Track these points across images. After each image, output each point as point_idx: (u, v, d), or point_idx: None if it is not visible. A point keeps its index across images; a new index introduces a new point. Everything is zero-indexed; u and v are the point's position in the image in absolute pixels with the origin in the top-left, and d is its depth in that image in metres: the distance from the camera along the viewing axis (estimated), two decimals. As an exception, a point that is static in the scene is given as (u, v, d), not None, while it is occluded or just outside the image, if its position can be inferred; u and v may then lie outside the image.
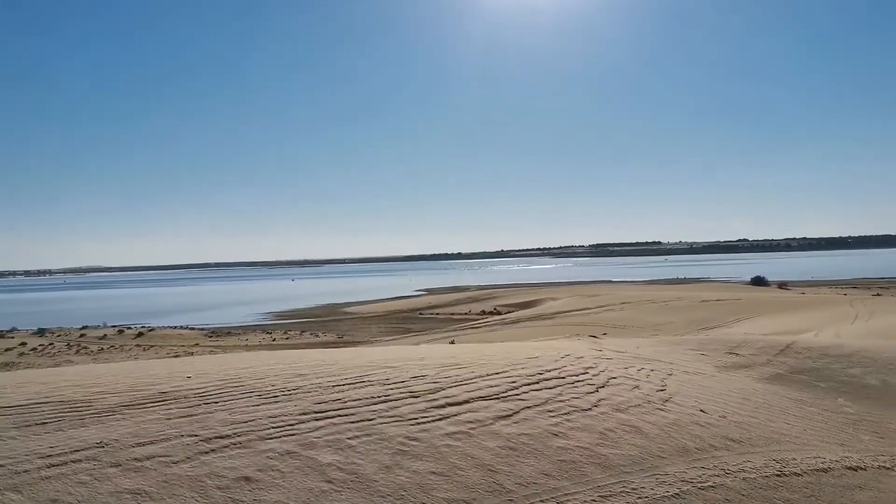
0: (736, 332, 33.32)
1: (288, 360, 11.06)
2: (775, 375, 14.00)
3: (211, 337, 54.70)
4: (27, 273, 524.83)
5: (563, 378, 10.47)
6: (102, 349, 47.75)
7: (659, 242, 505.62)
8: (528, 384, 9.75)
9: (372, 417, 7.50)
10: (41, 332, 59.01)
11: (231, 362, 11.10)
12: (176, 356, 42.09)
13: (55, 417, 7.13)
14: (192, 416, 7.25)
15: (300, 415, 7.44)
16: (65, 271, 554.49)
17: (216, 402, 7.80)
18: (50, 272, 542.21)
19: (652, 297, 60.29)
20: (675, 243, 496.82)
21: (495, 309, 75.01)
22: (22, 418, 7.06)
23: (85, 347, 48.66)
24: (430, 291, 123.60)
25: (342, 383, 8.93)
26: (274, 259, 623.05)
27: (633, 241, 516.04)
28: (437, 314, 75.37)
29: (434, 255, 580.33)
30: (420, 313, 76.44)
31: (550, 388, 9.67)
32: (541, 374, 10.62)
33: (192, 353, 43.48)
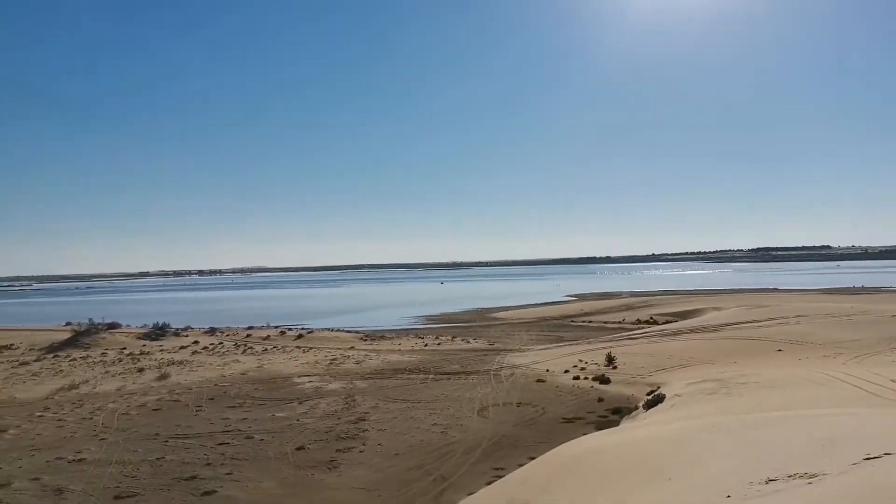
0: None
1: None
2: None
3: (365, 340, 55.65)
4: (200, 272, 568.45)
5: None
6: (266, 350, 49.69)
7: (828, 247, 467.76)
8: None
9: None
10: (212, 331, 62.57)
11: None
12: (334, 359, 42.93)
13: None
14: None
15: None
16: (233, 271, 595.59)
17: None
18: (220, 272, 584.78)
19: (830, 310, 54.92)
20: (848, 248, 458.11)
21: (651, 318, 71.58)
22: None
23: (251, 347, 50.86)
24: (580, 297, 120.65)
25: None
26: (422, 261, 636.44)
27: (799, 245, 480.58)
28: (590, 322, 73.06)
29: (581, 258, 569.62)
30: (571, 320, 74.42)
31: None
32: None
33: (348, 356, 44.23)
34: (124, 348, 50.50)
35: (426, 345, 50.99)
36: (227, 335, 60.12)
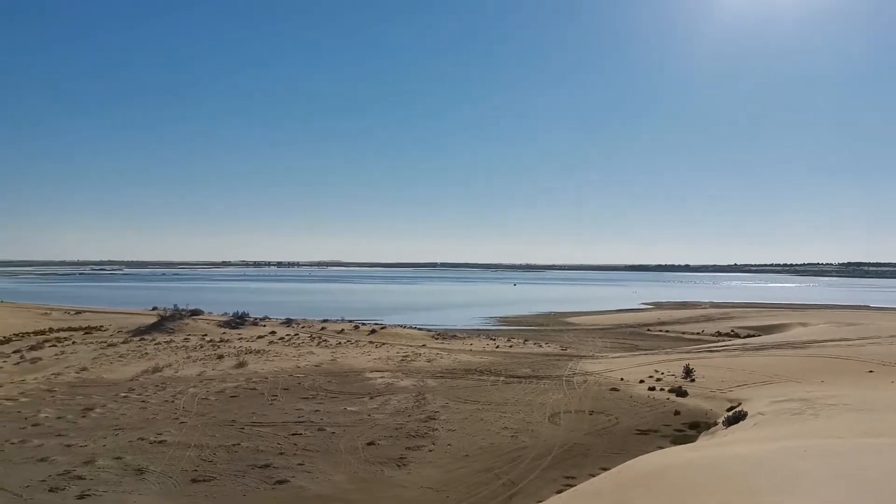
0: None
1: None
2: None
3: (437, 338, 55.77)
4: (279, 264, 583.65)
5: None
6: (340, 343, 50.42)
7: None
8: None
9: None
10: (288, 322, 63.91)
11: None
12: (406, 356, 43.16)
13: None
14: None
15: None
16: (310, 264, 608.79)
17: None
18: (298, 264, 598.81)
19: (928, 331, 51.89)
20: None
21: (733, 331, 69.26)
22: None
23: (325, 340, 51.71)
24: (657, 305, 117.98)
25: None
26: (496, 262, 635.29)
27: (893, 262, 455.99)
28: (667, 332, 71.23)
29: (659, 265, 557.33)
30: (648, 329, 72.74)
31: None
32: None
33: (419, 354, 44.41)
34: (205, 335, 52.11)
35: (497, 346, 50.73)
36: (303, 327, 61.27)
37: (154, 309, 69.92)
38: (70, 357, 41.29)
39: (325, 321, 66.30)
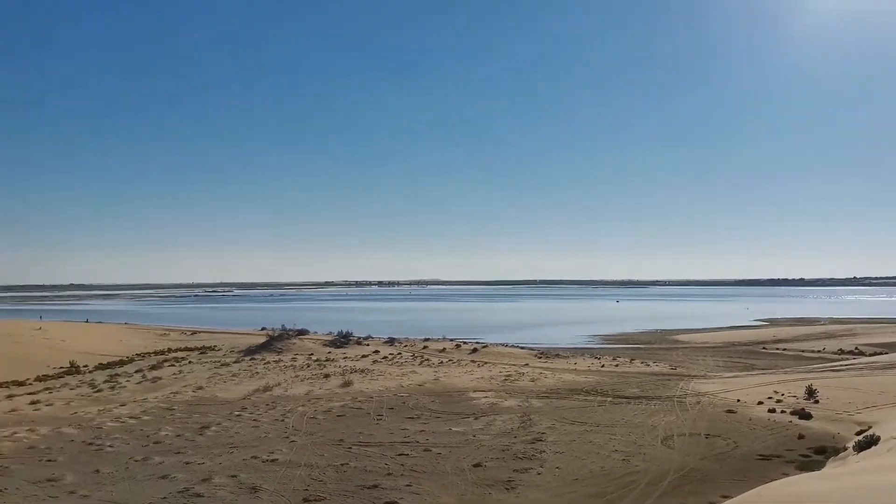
0: None
1: None
2: None
3: (540, 358, 54.99)
4: (380, 283, 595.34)
5: None
6: (442, 362, 50.52)
7: None
8: None
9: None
10: (391, 341, 64.70)
11: None
12: (508, 375, 42.72)
13: None
14: None
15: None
16: (410, 283, 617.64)
17: None
18: (398, 283, 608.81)
19: None
20: None
21: (857, 348, 64.96)
22: None
23: (427, 359, 51.95)
24: (772, 322, 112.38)
25: None
26: (596, 278, 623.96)
27: None
28: (784, 350, 67.59)
29: (771, 279, 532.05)
30: (763, 347, 69.30)
31: None
32: None
33: (522, 373, 43.83)
34: (312, 354, 53.42)
35: (603, 365, 49.48)
36: (405, 346, 61.85)
37: (263, 329, 72.44)
38: (187, 376, 43.17)
39: (426, 340, 66.69)
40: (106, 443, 24.77)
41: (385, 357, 52.86)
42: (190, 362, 50.40)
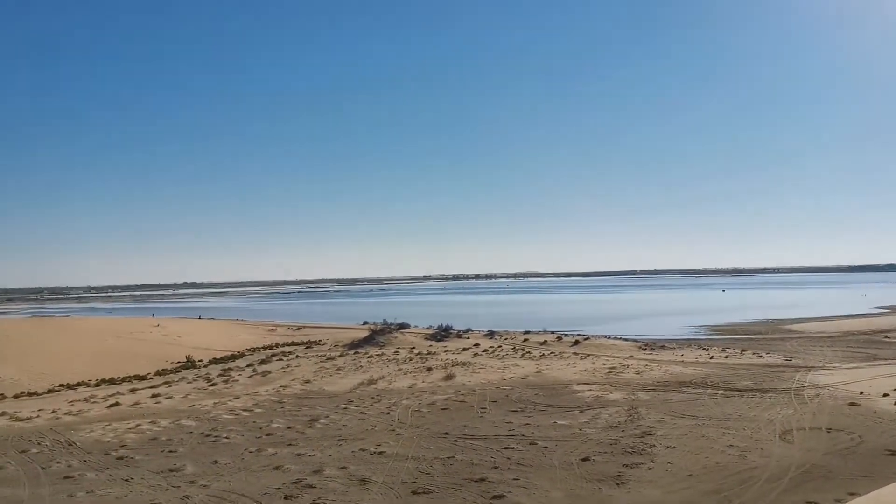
0: None
1: None
2: None
3: (645, 350, 53.57)
4: (477, 277, 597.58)
5: None
6: (544, 354, 50.05)
7: None
8: None
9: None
10: (490, 334, 64.66)
11: None
12: (612, 367, 41.85)
13: None
14: None
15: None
16: (507, 276, 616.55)
17: None
18: (495, 276, 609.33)
19: None
20: None
21: None
22: None
23: (528, 352, 51.60)
24: (893, 309, 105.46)
25: None
26: (700, 267, 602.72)
27: None
28: (909, 338, 63.24)
29: (890, 264, 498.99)
30: (885, 336, 64.98)
31: None
32: None
33: (627, 366, 42.83)
34: (413, 347, 54.08)
35: (712, 357, 47.69)
36: (506, 339, 61.66)
37: (365, 323, 74.07)
38: (295, 370, 44.58)
39: (526, 332, 66.30)
40: (222, 434, 25.84)
41: (486, 350, 52.87)
42: (297, 356, 52.06)
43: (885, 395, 30.45)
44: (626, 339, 61.75)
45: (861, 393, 31.13)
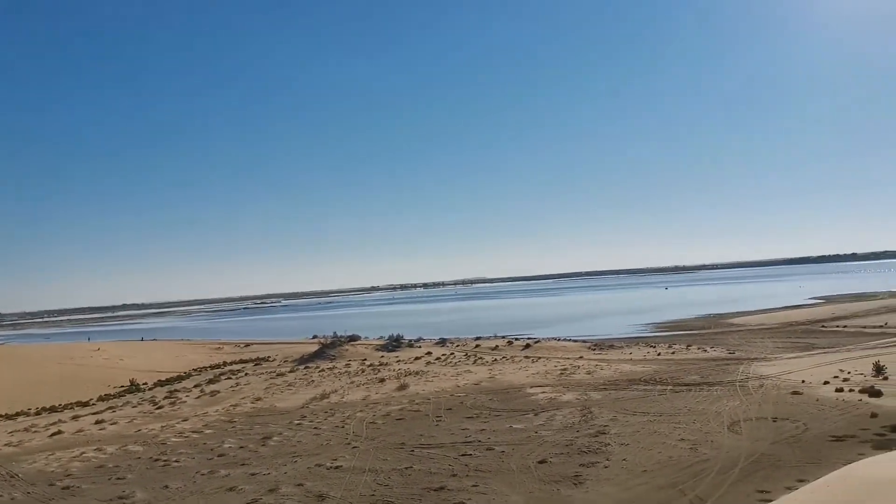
0: None
1: None
2: None
3: (594, 350, 54.37)
4: (424, 285, 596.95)
5: None
6: (496, 360, 50.29)
7: None
8: None
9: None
10: (442, 342, 64.71)
11: None
12: (564, 369, 42.30)
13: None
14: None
15: None
16: (455, 283, 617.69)
17: None
18: (443, 284, 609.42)
19: None
20: None
21: (921, 320, 62.78)
22: None
23: (480, 358, 51.77)
24: (828, 299, 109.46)
25: None
26: (642, 266, 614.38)
27: None
28: (844, 327, 65.67)
29: (822, 256, 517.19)
30: (822, 325, 67.45)
31: None
32: None
33: (578, 366, 43.36)
34: (365, 359, 53.68)
35: (659, 354, 48.68)
36: (457, 346, 61.80)
37: (314, 337, 73.25)
38: (244, 388, 43.74)
39: (478, 338, 66.59)
40: (172, 458, 25.14)
41: (438, 358, 52.84)
42: (246, 374, 51.09)
43: (826, 382, 31.54)
44: (575, 341, 62.56)
45: (803, 381, 32.17)
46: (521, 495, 17.62)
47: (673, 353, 49.09)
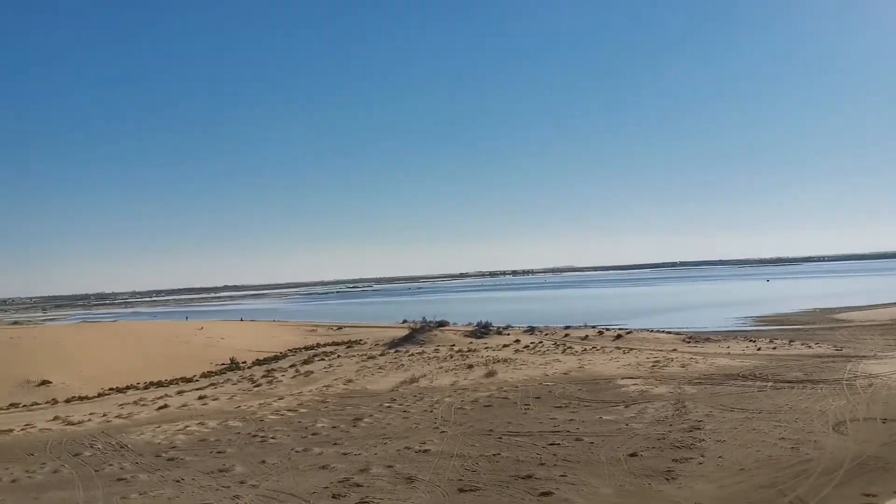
0: None
1: None
2: None
3: (689, 342, 52.75)
4: (514, 273, 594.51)
5: None
6: (585, 349, 49.60)
7: None
8: None
9: None
10: (531, 330, 64.36)
11: None
12: (656, 361, 41.27)
13: None
14: None
15: None
16: (544, 271, 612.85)
17: None
18: (532, 272, 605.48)
19: None
20: None
21: None
22: None
23: (570, 347, 51.18)
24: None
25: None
26: (746, 257, 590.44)
27: None
28: (964, 325, 61.24)
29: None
30: (940, 323, 63.07)
31: None
32: None
33: (671, 359, 42.21)
34: (454, 345, 54.02)
35: (759, 349, 46.74)
36: (546, 334, 61.33)
37: (404, 322, 74.26)
38: (337, 370, 44.86)
39: (567, 328, 65.89)
40: (269, 435, 26.08)
41: (526, 346, 52.57)
42: (338, 356, 52.39)
43: (943, 383, 29.54)
44: (668, 333, 60.94)
45: (917, 382, 30.23)
46: (611, 487, 17.31)
47: (774, 348, 47.03)
